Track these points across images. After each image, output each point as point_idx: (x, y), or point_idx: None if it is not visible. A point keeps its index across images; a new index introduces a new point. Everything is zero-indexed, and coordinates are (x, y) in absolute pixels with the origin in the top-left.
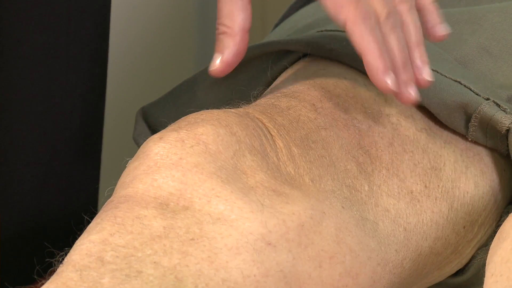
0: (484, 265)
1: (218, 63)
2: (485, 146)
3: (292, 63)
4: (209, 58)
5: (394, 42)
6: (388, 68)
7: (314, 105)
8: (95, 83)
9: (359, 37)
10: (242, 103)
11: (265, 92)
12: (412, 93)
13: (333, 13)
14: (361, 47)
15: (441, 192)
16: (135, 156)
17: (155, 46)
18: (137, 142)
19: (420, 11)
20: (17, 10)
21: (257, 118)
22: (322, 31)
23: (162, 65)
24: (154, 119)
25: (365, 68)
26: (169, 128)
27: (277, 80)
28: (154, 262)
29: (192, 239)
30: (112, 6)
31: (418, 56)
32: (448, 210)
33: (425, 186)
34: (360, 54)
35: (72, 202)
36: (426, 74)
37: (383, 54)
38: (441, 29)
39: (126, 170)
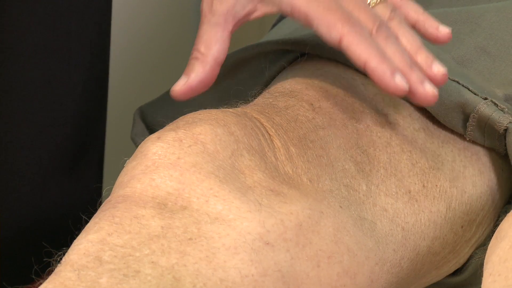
0: (482, 264)
1: (182, 85)
2: (483, 146)
3: (290, 63)
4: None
5: (392, 48)
6: (395, 69)
7: (312, 104)
8: (97, 82)
9: (357, 48)
10: (240, 103)
11: (263, 91)
12: (429, 88)
13: (326, 32)
14: (361, 57)
15: (439, 191)
16: (133, 156)
17: (157, 46)
18: (135, 142)
19: (415, 24)
20: (18, 8)
21: (255, 117)
22: None
23: (165, 64)
24: (151, 119)
25: (372, 76)
26: (167, 127)
27: (275, 79)
28: (152, 262)
29: (190, 239)
30: (113, 5)
31: (423, 58)
32: (446, 210)
33: (423, 186)
34: (362, 66)
35: (70, 201)
36: (438, 67)
37: (385, 59)
38: (444, 29)
39: (124, 169)
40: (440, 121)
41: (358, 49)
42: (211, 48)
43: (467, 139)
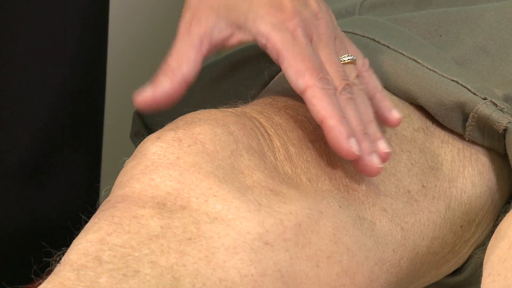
0: (481, 264)
1: (147, 95)
2: (482, 146)
3: None
4: (207, 58)
5: (351, 112)
6: (351, 133)
7: None
8: (95, 82)
9: (319, 103)
10: (240, 103)
11: (262, 91)
12: (376, 161)
13: (294, 78)
14: (321, 113)
15: (438, 191)
16: (132, 155)
17: (155, 46)
18: (134, 142)
19: (371, 99)
20: (13, 9)
21: (254, 117)
22: None
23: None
24: (150, 119)
25: (327, 134)
26: (166, 127)
27: (274, 79)
28: (151, 262)
29: (189, 239)
30: (110, 5)
31: (373, 132)
32: (446, 210)
33: (423, 186)
34: (320, 121)
35: (69, 201)
36: (383, 146)
37: (343, 121)
38: (395, 114)
39: (124, 169)
40: (439, 121)
41: (319, 105)
42: (181, 67)
43: (467, 139)
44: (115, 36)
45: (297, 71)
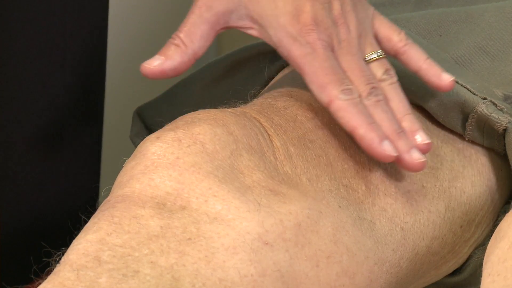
0: (481, 264)
1: (156, 65)
2: (482, 146)
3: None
4: (207, 57)
5: (381, 115)
6: (383, 136)
7: (311, 104)
8: (94, 82)
9: (345, 115)
10: (239, 103)
11: (262, 91)
12: (416, 156)
13: (317, 93)
14: (350, 124)
15: (438, 191)
16: (132, 155)
17: (155, 46)
18: (134, 142)
19: (418, 72)
20: (13, 9)
21: (254, 117)
22: None
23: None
24: (150, 119)
25: (360, 143)
26: (166, 127)
27: (274, 79)
28: (151, 262)
29: (189, 239)
30: (110, 5)
31: (409, 125)
32: (445, 210)
33: (422, 186)
34: (351, 132)
35: (69, 201)
36: (422, 137)
37: (373, 125)
38: (446, 77)
39: (123, 169)
40: (439, 121)
41: (347, 116)
42: (194, 42)
43: (466, 139)
44: (115, 36)
45: (319, 85)
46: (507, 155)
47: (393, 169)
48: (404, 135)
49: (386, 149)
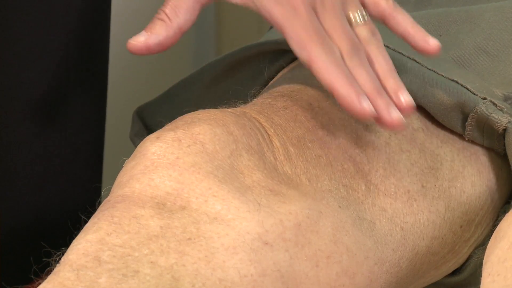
0: (481, 264)
1: (140, 41)
2: (481, 146)
3: (289, 63)
4: (207, 57)
5: (362, 73)
6: (361, 93)
7: (311, 104)
8: (96, 82)
9: (324, 71)
10: (239, 103)
11: (262, 91)
12: (395, 115)
13: (297, 50)
14: (328, 81)
15: (438, 191)
16: (132, 155)
17: None
18: (134, 142)
19: (404, 36)
20: (16, 8)
21: (254, 117)
22: None
23: (164, 64)
24: (150, 119)
25: (338, 100)
26: (166, 127)
27: (274, 79)
28: (151, 262)
29: (189, 239)
30: (112, 5)
31: (392, 82)
32: (445, 210)
33: (422, 186)
34: (330, 90)
35: (69, 201)
36: (405, 96)
37: (353, 83)
38: (433, 41)
39: (123, 169)
40: (439, 121)
41: (325, 74)
42: (179, 15)
43: (466, 139)
44: (117, 36)
45: (298, 42)
46: (507, 155)
47: (393, 169)
48: (384, 93)
49: (365, 107)
